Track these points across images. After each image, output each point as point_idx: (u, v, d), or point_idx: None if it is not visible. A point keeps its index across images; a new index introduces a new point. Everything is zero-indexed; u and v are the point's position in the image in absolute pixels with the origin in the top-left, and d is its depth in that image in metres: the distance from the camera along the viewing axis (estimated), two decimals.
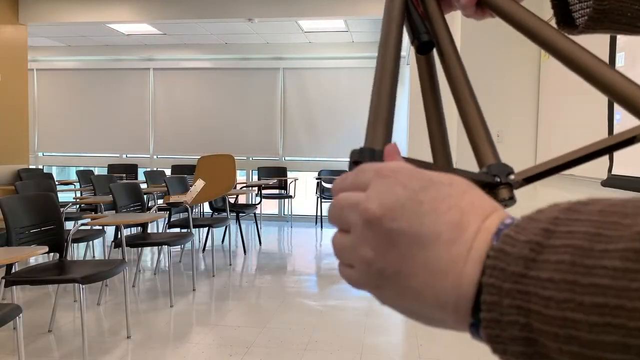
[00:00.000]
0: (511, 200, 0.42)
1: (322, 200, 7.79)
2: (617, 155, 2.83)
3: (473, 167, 0.44)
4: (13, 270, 2.79)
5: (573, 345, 0.22)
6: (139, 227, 4.45)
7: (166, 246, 4.11)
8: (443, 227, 0.28)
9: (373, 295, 0.33)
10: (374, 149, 0.37)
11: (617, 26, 0.49)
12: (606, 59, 2.91)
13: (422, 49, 0.49)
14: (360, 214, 0.30)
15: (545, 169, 0.44)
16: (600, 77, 0.43)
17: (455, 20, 4.98)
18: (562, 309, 0.23)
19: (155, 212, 4.57)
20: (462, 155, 4.36)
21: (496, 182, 0.42)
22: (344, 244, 0.33)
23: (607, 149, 0.43)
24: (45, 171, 7.61)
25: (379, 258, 0.30)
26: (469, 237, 0.28)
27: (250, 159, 8.42)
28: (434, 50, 0.50)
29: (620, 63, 2.78)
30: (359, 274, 0.32)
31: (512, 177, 0.43)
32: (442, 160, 0.50)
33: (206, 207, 6.78)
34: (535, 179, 0.44)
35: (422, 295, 0.29)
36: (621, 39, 2.75)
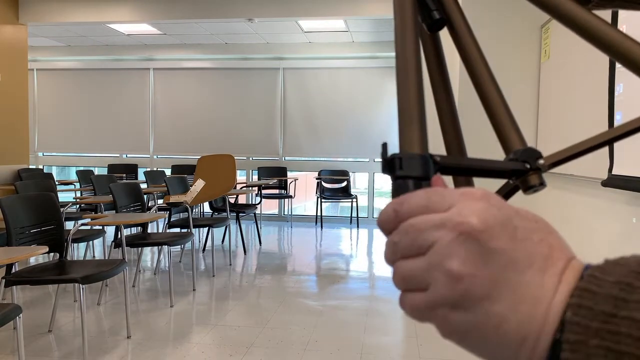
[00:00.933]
0: (542, 186, 0.41)
1: (322, 200, 7.79)
2: (617, 155, 2.83)
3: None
4: (13, 270, 2.79)
5: None
6: (139, 227, 4.45)
7: (166, 246, 4.11)
8: (536, 257, 0.27)
9: (441, 322, 0.29)
10: (415, 155, 0.34)
11: (628, 4, 0.48)
12: (606, 58, 2.91)
13: (433, 27, 0.46)
14: (455, 227, 0.28)
15: (571, 154, 0.43)
16: (601, 36, 0.42)
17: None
18: None
19: (155, 212, 4.57)
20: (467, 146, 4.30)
21: (526, 168, 0.41)
22: (416, 267, 0.29)
23: (627, 133, 0.42)
24: (45, 171, 7.61)
25: (469, 275, 0.27)
26: (558, 270, 0.27)
27: (250, 159, 8.42)
28: (439, 33, 0.48)
29: None
30: (435, 295, 0.29)
31: (541, 161, 0.41)
32: (455, 150, 0.49)
33: (206, 207, 6.79)
34: (563, 162, 0.44)
35: (504, 322, 0.27)
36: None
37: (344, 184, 8.02)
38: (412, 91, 0.37)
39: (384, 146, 0.34)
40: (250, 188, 7.37)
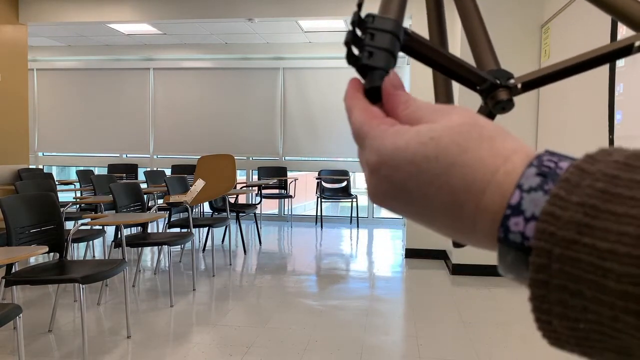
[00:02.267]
0: (510, 103, 0.42)
1: (322, 200, 7.79)
2: None
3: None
4: (13, 270, 2.79)
5: (630, 316, 0.21)
6: (139, 227, 4.45)
7: (166, 246, 4.11)
8: (440, 210, 0.28)
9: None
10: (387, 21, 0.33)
11: None
12: None
13: None
14: (366, 165, 0.31)
15: (543, 74, 0.43)
16: None
17: (456, 22, 4.99)
18: (623, 282, 0.21)
19: (156, 212, 4.57)
20: None
21: (496, 83, 0.41)
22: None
23: (605, 56, 0.43)
24: (45, 171, 7.61)
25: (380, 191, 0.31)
26: (471, 210, 0.27)
27: (250, 159, 8.42)
28: None
29: (620, 63, 2.77)
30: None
31: (511, 81, 0.42)
32: (443, 99, 0.49)
33: (206, 207, 6.78)
34: (534, 86, 0.44)
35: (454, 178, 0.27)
36: (621, 37, 2.75)
37: (344, 184, 8.02)
38: None
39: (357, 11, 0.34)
40: (250, 188, 7.37)
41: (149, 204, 5.62)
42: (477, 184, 0.27)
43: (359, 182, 9.17)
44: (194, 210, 6.60)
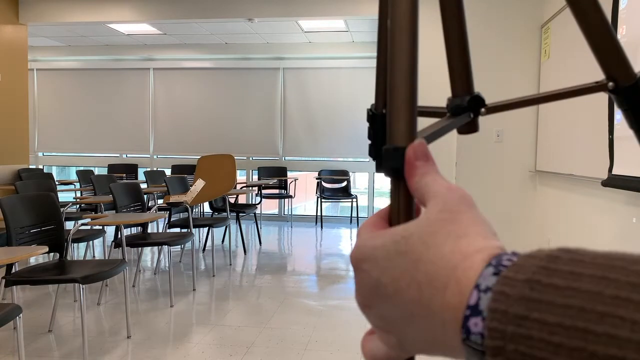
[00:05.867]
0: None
1: (322, 200, 7.79)
2: (617, 155, 2.83)
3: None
4: (13, 270, 2.79)
5: None
6: (139, 227, 4.45)
7: (166, 246, 4.11)
8: (412, 307, 0.28)
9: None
10: (398, 148, 0.33)
11: None
12: None
13: None
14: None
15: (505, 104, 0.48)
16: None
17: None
18: (573, 357, 0.21)
19: (156, 212, 4.57)
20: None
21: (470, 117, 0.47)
22: None
23: (575, 93, 0.47)
24: (45, 171, 7.61)
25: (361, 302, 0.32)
26: (438, 304, 0.27)
27: (250, 159, 8.42)
28: None
29: None
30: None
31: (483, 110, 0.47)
32: (460, 88, 0.49)
33: (206, 207, 6.79)
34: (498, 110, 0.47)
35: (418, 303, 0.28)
36: (621, 39, 2.75)
37: (344, 184, 8.02)
38: (403, 73, 0.33)
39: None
40: (250, 188, 7.37)
41: (149, 204, 5.62)
42: (439, 280, 0.27)
43: (359, 182, 9.17)
44: (194, 210, 6.60)
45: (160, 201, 6.17)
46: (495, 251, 0.27)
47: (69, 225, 4.71)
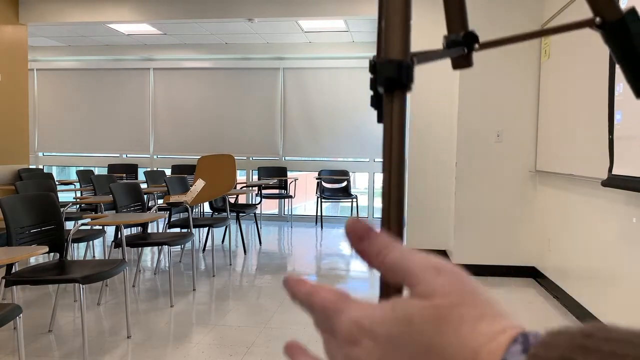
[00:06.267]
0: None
1: (322, 200, 7.79)
2: (617, 155, 2.82)
3: None
4: (13, 270, 2.79)
5: None
6: (139, 227, 4.45)
7: (166, 246, 4.11)
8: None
9: None
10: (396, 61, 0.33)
11: None
12: (606, 59, 2.91)
13: None
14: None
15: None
16: None
17: None
18: None
19: (156, 212, 4.57)
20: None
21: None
22: None
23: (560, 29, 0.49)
24: (45, 171, 7.61)
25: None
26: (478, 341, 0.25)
27: (250, 159, 8.42)
28: None
29: None
30: None
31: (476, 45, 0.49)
32: (455, 25, 0.50)
33: (206, 207, 6.79)
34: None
35: None
36: None
37: (344, 184, 8.02)
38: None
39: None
40: (250, 188, 7.37)
41: (149, 204, 5.62)
42: None
43: (359, 182, 9.17)
44: (194, 210, 6.60)
45: (160, 201, 6.17)
46: (518, 330, 0.25)
47: (69, 225, 4.71)
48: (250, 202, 8.00)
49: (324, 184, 8.00)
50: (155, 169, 8.37)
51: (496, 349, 0.24)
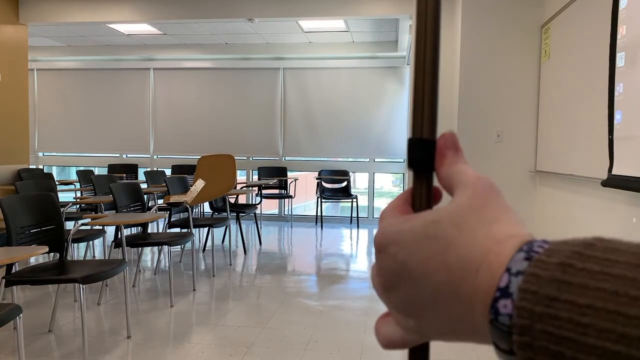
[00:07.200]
0: None
1: (322, 200, 7.79)
2: (617, 155, 2.83)
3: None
4: (13, 270, 2.79)
5: None
6: (139, 227, 4.45)
7: (166, 246, 4.11)
8: (439, 291, 0.29)
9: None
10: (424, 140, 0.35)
11: None
12: (606, 59, 2.91)
13: None
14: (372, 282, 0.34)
15: None
16: None
17: (455, 24, 4.99)
18: (602, 338, 0.22)
19: (156, 212, 4.57)
20: None
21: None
22: None
23: None
24: (45, 171, 7.61)
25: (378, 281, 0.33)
26: (468, 289, 0.28)
27: (250, 159, 8.42)
28: None
29: (620, 63, 2.77)
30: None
31: None
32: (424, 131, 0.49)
33: (206, 207, 6.79)
34: None
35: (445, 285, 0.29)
36: (621, 39, 2.75)
37: (344, 184, 8.02)
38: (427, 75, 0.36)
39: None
40: (250, 188, 7.37)
41: (149, 204, 5.62)
42: (471, 263, 0.28)
43: (359, 182, 9.17)
44: (194, 210, 6.60)
45: (160, 201, 6.17)
46: (526, 238, 0.28)
47: (69, 225, 4.71)
48: (250, 202, 8.00)
49: (324, 184, 8.00)
50: (155, 169, 8.37)
51: (502, 253, 0.27)
